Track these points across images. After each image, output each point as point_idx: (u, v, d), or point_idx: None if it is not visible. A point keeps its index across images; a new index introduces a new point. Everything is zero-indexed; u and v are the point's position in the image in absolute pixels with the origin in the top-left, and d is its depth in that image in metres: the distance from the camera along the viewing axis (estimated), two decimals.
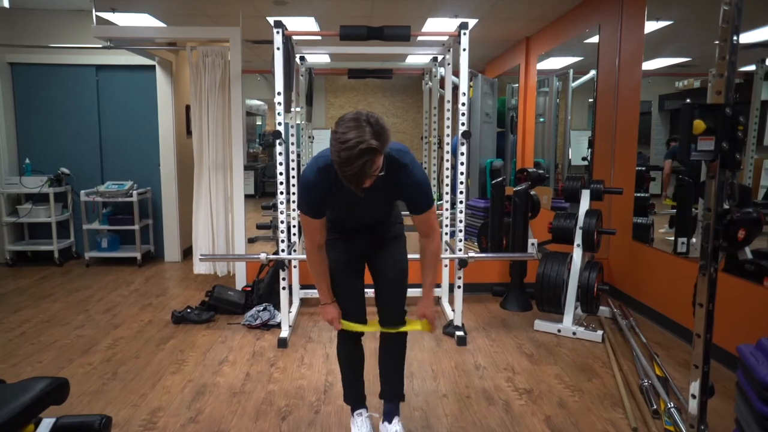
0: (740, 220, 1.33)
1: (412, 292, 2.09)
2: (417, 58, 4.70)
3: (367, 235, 2.01)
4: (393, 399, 2.10)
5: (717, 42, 1.34)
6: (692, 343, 1.45)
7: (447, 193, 3.36)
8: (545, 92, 6.04)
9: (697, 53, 3.82)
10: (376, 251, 2.03)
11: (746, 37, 3.21)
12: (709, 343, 1.41)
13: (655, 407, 2.32)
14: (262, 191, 10.72)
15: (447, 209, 3.39)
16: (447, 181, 3.37)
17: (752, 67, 3.16)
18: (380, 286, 2.02)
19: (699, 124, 1.34)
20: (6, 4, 3.64)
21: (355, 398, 2.13)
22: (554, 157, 5.99)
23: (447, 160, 3.41)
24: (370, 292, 2.05)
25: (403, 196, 1.85)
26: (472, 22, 5.31)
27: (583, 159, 5.38)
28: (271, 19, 5.02)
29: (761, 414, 1.63)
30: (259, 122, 12.52)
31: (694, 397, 1.44)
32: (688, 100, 1.25)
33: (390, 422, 2.06)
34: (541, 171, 4.39)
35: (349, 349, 2.09)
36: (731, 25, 1.30)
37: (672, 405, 2.25)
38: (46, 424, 1.78)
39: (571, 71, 5.47)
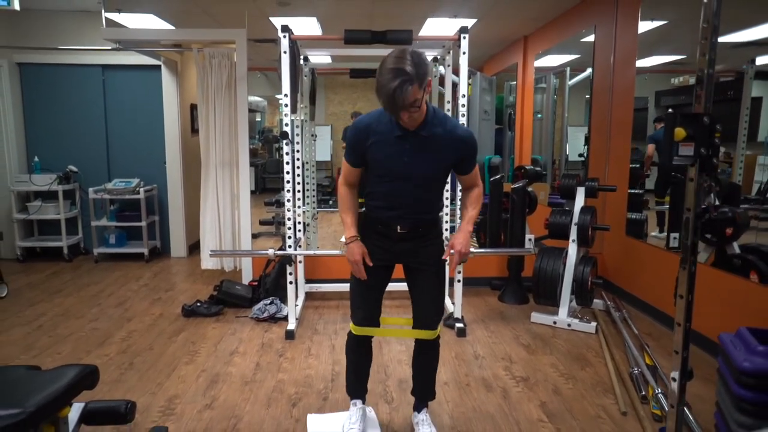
0: (717, 219, 1.46)
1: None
2: None
3: (405, 241, 1.99)
4: (424, 399, 2.23)
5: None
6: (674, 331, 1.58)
7: (447, 190, 3.49)
8: (542, 89, 6.17)
9: (691, 51, 3.93)
10: (415, 275, 2.05)
11: (737, 37, 3.34)
12: (688, 331, 1.55)
13: (643, 393, 2.47)
14: (263, 187, 10.83)
15: (447, 206, 3.51)
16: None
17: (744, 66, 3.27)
18: (417, 307, 2.10)
19: (680, 132, 1.46)
20: (17, 6, 3.72)
21: (355, 391, 2.25)
22: (551, 153, 6.12)
23: None
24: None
25: (451, 156, 1.91)
26: (471, 22, 5.42)
27: (580, 155, 5.51)
28: (274, 20, 5.13)
29: (738, 396, 1.78)
30: (258, 118, 12.61)
31: (674, 380, 1.58)
32: (671, 112, 1.38)
33: (419, 411, 2.22)
34: (538, 168, 4.51)
35: (358, 348, 2.18)
36: (709, 41, 1.43)
37: (659, 391, 2.40)
38: (77, 408, 1.92)
39: (568, 69, 5.59)
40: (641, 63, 3.90)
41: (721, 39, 3.57)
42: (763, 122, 3.33)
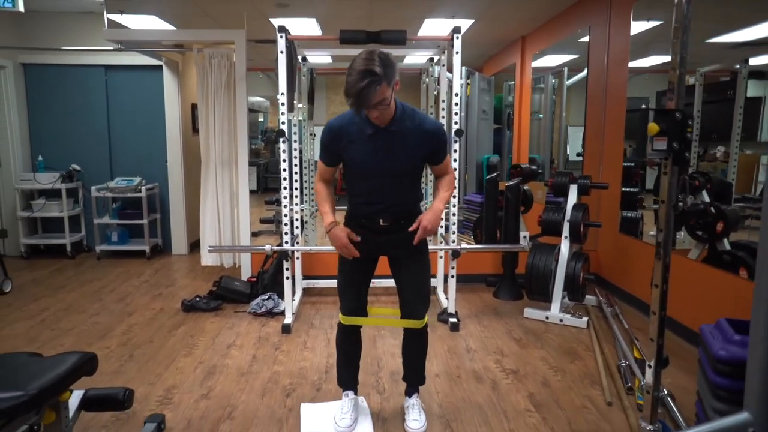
0: (690, 212, 1.51)
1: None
2: (414, 58, 4.89)
3: (387, 233, 2.08)
4: (414, 384, 2.32)
5: (670, 55, 1.53)
6: (650, 319, 1.64)
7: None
8: (541, 89, 6.22)
9: (689, 51, 3.98)
10: (399, 265, 2.14)
11: (731, 37, 3.39)
12: (663, 319, 1.60)
13: (629, 385, 2.52)
14: (265, 186, 10.93)
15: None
16: None
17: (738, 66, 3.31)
18: (403, 297, 2.18)
19: (653, 127, 1.52)
20: (21, 8, 3.81)
21: (346, 382, 2.33)
22: (550, 152, 6.17)
23: None
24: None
25: (421, 149, 2.01)
26: (468, 23, 5.48)
27: (578, 155, 5.57)
28: (273, 20, 5.21)
29: (714, 384, 1.83)
30: (261, 118, 12.69)
31: (650, 366, 1.64)
32: (644, 108, 1.44)
33: (410, 396, 2.30)
34: (534, 167, 4.56)
35: (348, 338, 2.27)
36: (680, 41, 1.49)
37: (645, 382, 2.45)
38: (77, 394, 1.99)
39: (566, 69, 5.65)
40: (641, 63, 3.94)
41: (718, 39, 3.61)
42: (764, 122, 3.37)
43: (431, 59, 4.55)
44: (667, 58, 4.31)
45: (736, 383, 1.75)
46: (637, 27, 3.91)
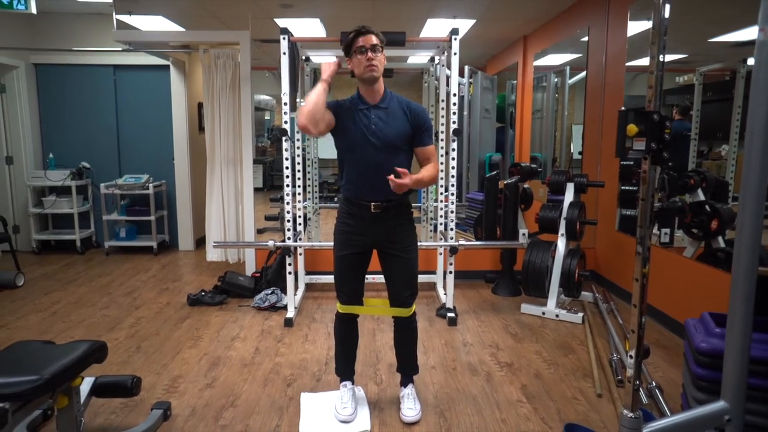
0: (667, 209, 1.58)
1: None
2: (416, 58, 4.97)
3: (378, 222, 2.19)
4: (408, 373, 2.42)
5: (649, 57, 1.60)
6: (631, 312, 1.72)
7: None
8: (544, 88, 6.27)
9: (691, 50, 4.02)
10: (389, 258, 2.24)
11: (731, 37, 3.44)
12: (642, 311, 1.68)
13: (619, 377, 2.59)
14: (271, 184, 11.04)
15: (440, 200, 3.66)
16: (441, 174, 3.63)
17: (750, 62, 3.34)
18: (393, 288, 2.28)
19: (632, 128, 1.60)
20: (33, 10, 3.93)
21: (343, 371, 2.42)
22: (552, 151, 6.22)
23: (442, 155, 3.69)
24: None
25: (407, 122, 2.19)
26: (470, 23, 5.55)
27: (579, 153, 5.61)
28: (278, 21, 5.30)
29: (696, 375, 1.91)
30: (267, 117, 12.80)
31: (631, 357, 1.71)
32: (623, 110, 1.51)
33: (405, 386, 2.40)
34: (533, 165, 4.62)
35: (345, 327, 2.38)
36: (658, 45, 1.56)
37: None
38: (88, 381, 2.10)
39: (568, 68, 5.69)
40: (644, 62, 3.98)
41: (718, 39, 3.64)
42: None
43: (432, 59, 4.63)
44: (672, 58, 4.34)
45: (716, 374, 1.82)
46: (637, 27, 3.96)
